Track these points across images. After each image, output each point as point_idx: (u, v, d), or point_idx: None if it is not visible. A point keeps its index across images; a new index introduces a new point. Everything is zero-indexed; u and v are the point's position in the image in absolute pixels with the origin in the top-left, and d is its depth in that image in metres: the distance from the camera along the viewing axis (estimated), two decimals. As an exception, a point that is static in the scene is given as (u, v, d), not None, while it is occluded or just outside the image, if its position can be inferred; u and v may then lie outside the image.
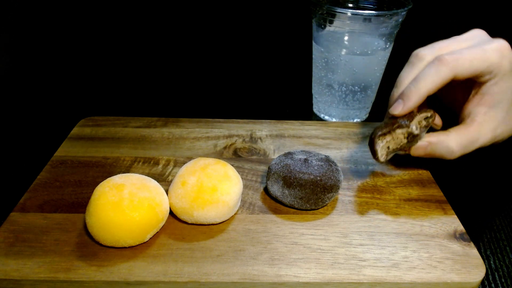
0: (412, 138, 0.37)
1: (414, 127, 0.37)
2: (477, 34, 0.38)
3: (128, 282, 0.29)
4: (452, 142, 0.37)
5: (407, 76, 0.38)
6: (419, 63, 0.37)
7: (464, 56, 0.35)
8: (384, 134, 0.37)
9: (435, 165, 0.43)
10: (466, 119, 0.38)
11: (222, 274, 0.30)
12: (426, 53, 0.37)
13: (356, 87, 0.52)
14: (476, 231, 0.39)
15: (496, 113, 0.37)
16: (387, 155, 0.37)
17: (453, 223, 0.35)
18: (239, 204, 0.36)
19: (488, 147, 0.39)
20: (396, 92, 0.38)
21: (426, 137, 0.38)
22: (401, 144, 0.38)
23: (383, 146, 0.37)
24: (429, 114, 0.38)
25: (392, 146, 0.37)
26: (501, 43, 0.36)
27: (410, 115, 0.37)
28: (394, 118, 0.37)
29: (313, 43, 0.53)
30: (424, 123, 0.38)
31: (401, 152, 0.39)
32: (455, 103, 0.41)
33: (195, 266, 0.31)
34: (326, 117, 0.56)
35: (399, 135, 0.37)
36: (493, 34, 0.38)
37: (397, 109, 0.37)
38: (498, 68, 0.35)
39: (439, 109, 0.41)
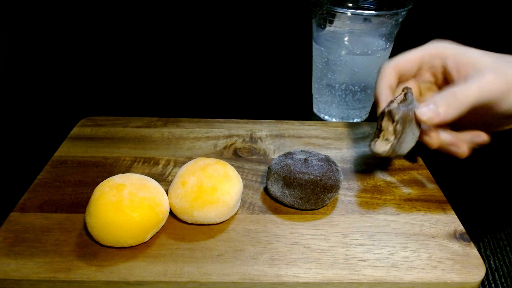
0: (401, 119, 0.35)
1: (393, 106, 0.35)
2: None
3: (128, 282, 0.29)
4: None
5: None
6: None
7: None
8: (375, 136, 0.36)
9: (435, 165, 0.43)
10: None
11: (222, 274, 0.30)
12: None
13: (356, 87, 0.52)
14: (476, 231, 0.39)
15: None
16: (392, 147, 0.35)
17: (453, 223, 0.35)
18: (239, 204, 0.36)
19: (488, 146, 0.39)
20: None
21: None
22: (393, 129, 0.35)
23: (380, 143, 0.36)
24: (405, 91, 0.37)
25: (389, 136, 0.36)
26: None
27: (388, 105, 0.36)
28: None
29: (313, 43, 0.53)
30: (400, 97, 0.36)
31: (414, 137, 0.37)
32: None
33: (195, 266, 0.31)
34: (326, 117, 0.56)
35: (386, 125, 0.36)
36: (493, 33, 0.38)
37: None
38: None
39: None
